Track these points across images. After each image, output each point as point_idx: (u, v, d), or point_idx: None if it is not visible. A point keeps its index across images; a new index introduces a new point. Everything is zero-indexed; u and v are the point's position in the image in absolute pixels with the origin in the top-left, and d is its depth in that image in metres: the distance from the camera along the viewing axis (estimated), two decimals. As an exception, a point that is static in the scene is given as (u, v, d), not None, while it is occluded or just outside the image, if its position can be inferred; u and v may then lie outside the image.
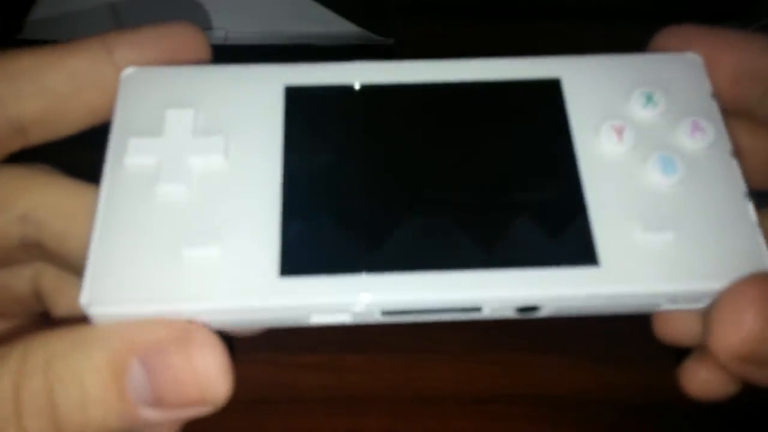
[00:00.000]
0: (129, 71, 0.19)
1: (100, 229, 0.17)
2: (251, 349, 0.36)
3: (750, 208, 0.17)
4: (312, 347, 0.36)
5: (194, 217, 0.17)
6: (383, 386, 0.35)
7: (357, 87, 0.19)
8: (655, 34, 0.20)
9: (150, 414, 0.16)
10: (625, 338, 0.34)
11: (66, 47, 0.18)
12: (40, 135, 0.18)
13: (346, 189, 0.18)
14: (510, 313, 0.17)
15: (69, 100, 0.18)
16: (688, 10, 0.50)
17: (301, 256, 0.16)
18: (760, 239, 0.17)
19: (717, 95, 0.19)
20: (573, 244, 0.17)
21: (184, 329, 0.16)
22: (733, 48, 0.19)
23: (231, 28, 0.49)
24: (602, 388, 0.35)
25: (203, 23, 0.49)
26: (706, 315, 0.17)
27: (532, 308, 0.17)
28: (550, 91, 0.19)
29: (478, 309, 0.17)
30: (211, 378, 0.16)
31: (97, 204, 0.17)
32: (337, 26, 0.49)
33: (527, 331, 0.37)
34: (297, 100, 0.19)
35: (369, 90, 0.19)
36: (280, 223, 0.17)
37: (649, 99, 0.19)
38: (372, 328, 0.38)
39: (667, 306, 0.17)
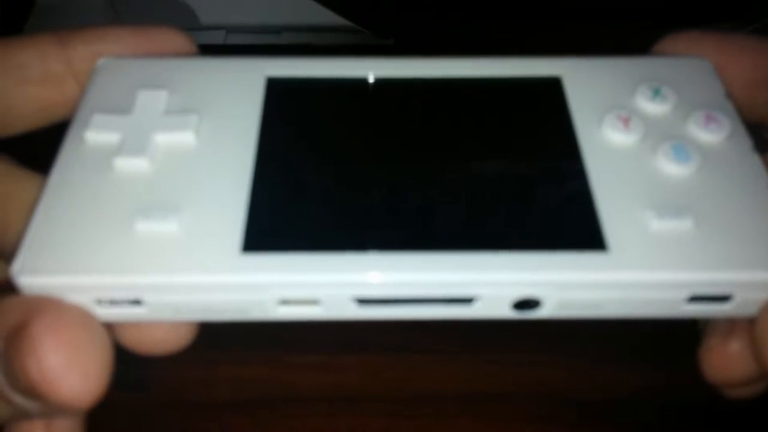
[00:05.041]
0: (105, 60, 0.18)
1: (46, 199, 0.16)
2: (251, 348, 0.36)
3: None
4: (312, 347, 0.36)
5: (154, 192, 0.16)
6: (383, 386, 0.35)
7: (346, 79, 0.18)
8: (655, 34, 0.20)
9: (19, 400, 0.14)
10: (623, 338, 0.34)
11: (15, 40, 0.18)
12: None
13: (323, 173, 0.17)
14: (505, 310, 0.15)
15: (15, 95, 0.17)
16: (689, 10, 0.50)
17: (265, 233, 0.15)
18: None
19: (731, 97, 0.18)
20: (577, 229, 0.15)
21: (30, 310, 0.14)
22: (745, 54, 0.19)
23: (230, 28, 0.50)
24: (601, 388, 0.35)
25: (202, 24, 0.49)
26: (757, 324, 0.16)
27: (532, 303, 0.15)
28: (549, 88, 0.18)
29: (468, 300, 0.15)
30: (48, 371, 0.14)
31: (48, 175, 0.16)
32: (337, 26, 0.49)
33: (527, 331, 0.37)
34: (278, 90, 0.18)
35: (360, 83, 0.18)
36: (247, 201, 0.16)
37: (656, 92, 0.18)
38: (371, 328, 0.38)
39: (687, 308, 0.16)
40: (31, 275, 0.14)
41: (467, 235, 0.15)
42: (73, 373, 0.14)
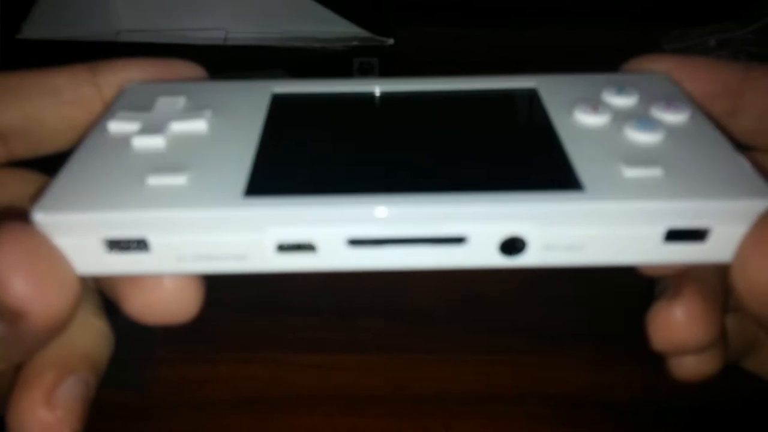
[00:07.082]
0: (131, 84, 0.20)
1: (69, 165, 0.17)
2: (251, 348, 0.37)
3: (741, 157, 0.17)
4: (312, 346, 0.36)
5: (166, 160, 0.18)
6: (383, 386, 0.35)
7: (344, 92, 0.21)
8: (655, 35, 0.21)
9: None
10: (624, 338, 0.34)
11: (53, 68, 0.20)
12: (22, 146, 0.19)
13: (321, 138, 0.19)
14: (494, 255, 0.16)
15: (49, 114, 0.19)
16: (689, 10, 0.50)
17: (266, 180, 0.17)
18: (756, 174, 0.16)
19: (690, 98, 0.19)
20: (555, 175, 0.17)
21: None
22: (702, 71, 0.20)
23: (231, 29, 0.50)
24: (602, 388, 0.35)
25: (202, 24, 0.49)
26: (733, 264, 0.16)
27: (518, 244, 0.16)
28: (527, 95, 0.20)
29: (458, 240, 0.16)
30: (10, 284, 0.15)
31: (72, 152, 0.18)
32: (337, 26, 0.49)
33: (527, 331, 0.37)
34: (282, 100, 0.20)
35: (355, 95, 0.21)
36: (252, 161, 0.17)
37: (620, 90, 0.19)
38: (372, 328, 0.38)
39: (666, 249, 0.16)
40: (45, 212, 0.16)
41: (458, 181, 0.17)
42: (40, 288, 0.15)
